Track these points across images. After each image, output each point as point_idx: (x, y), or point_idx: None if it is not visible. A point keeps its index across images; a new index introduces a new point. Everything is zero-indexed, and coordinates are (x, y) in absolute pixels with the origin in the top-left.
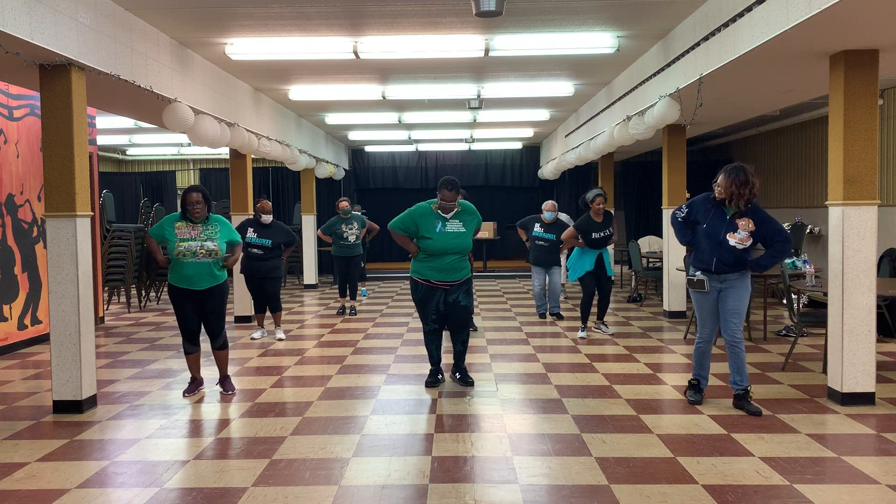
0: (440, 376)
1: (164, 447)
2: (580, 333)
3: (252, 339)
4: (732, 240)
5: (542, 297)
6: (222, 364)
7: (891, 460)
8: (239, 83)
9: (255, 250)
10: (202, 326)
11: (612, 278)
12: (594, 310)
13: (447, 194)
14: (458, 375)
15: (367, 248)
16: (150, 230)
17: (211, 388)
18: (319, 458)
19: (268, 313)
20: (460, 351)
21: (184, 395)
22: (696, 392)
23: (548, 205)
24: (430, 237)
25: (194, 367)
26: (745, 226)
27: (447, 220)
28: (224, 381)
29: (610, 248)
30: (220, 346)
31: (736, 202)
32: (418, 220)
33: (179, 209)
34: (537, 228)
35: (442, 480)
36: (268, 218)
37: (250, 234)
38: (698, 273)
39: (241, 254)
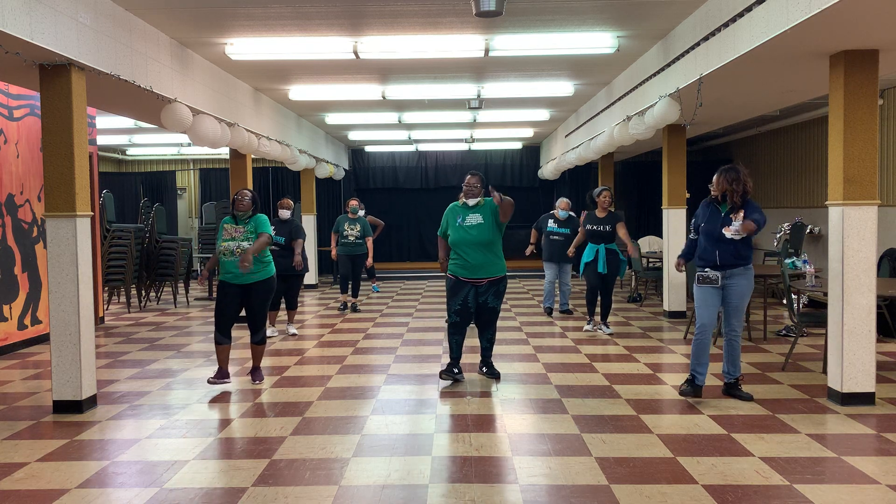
0: (456, 370)
1: (164, 447)
2: (587, 327)
3: (266, 337)
4: (728, 232)
5: (551, 294)
6: (257, 357)
7: (891, 460)
8: (239, 83)
9: (274, 248)
10: (235, 321)
11: (617, 277)
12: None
13: (468, 179)
14: (484, 369)
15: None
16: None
17: (211, 386)
18: (319, 458)
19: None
20: (486, 347)
21: (208, 381)
22: (690, 385)
23: (562, 203)
24: (451, 231)
25: (222, 359)
26: (739, 217)
27: (468, 213)
28: (255, 371)
29: (621, 250)
30: (258, 341)
31: (731, 198)
32: (447, 217)
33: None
34: (551, 224)
35: (442, 480)
36: (284, 214)
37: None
38: (708, 270)
39: (264, 243)
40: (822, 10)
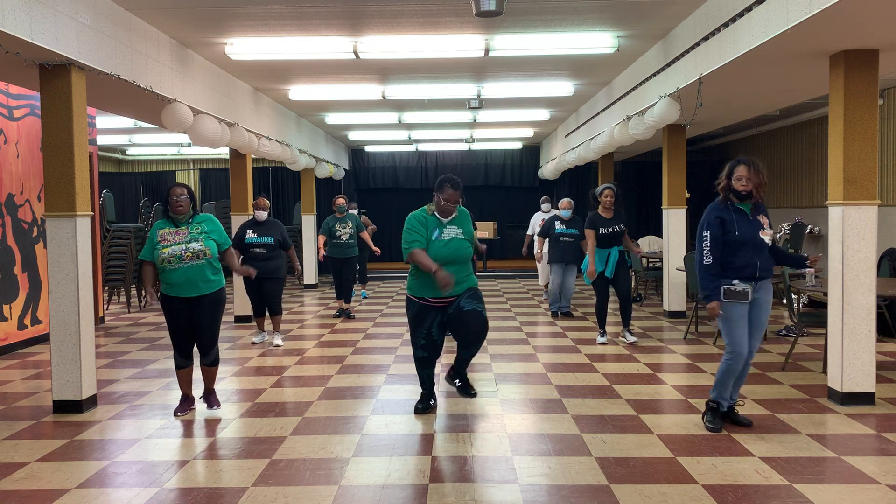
0: (432, 402)
1: (164, 447)
2: (600, 339)
3: (253, 343)
4: (766, 238)
5: (558, 296)
6: (209, 379)
7: (891, 460)
8: (239, 83)
9: (258, 250)
10: (194, 339)
11: (629, 279)
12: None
13: (451, 194)
14: (458, 383)
15: (368, 250)
16: (140, 255)
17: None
18: (319, 458)
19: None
20: (464, 359)
21: (175, 415)
22: (715, 416)
23: (564, 202)
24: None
25: (185, 383)
26: (765, 220)
27: (444, 226)
28: (209, 395)
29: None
30: (210, 363)
31: (758, 194)
32: (418, 230)
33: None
34: (559, 226)
35: (442, 480)
36: (262, 215)
37: (250, 234)
38: (736, 282)
39: (238, 257)
40: (822, 10)
